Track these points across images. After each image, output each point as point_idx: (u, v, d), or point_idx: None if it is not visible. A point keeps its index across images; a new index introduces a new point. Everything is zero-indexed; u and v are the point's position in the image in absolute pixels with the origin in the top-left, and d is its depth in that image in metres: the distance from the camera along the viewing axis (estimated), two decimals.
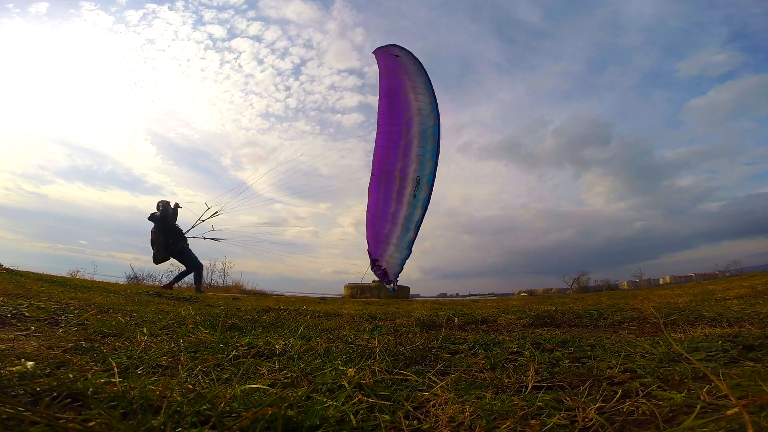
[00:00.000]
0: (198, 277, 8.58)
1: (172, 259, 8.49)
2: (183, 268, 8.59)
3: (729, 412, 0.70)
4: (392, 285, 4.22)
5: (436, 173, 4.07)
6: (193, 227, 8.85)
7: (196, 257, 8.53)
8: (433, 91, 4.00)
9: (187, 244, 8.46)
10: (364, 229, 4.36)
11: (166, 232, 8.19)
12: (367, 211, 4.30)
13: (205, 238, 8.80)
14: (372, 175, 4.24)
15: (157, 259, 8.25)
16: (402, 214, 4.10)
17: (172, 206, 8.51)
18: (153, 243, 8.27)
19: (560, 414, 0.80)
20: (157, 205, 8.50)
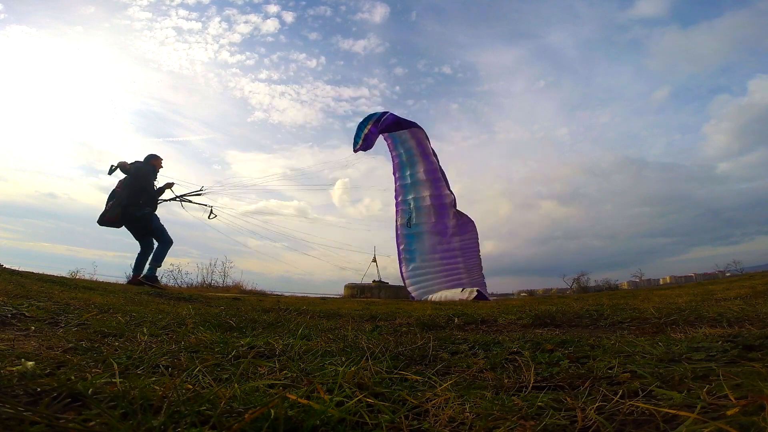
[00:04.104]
0: (161, 256, 6.37)
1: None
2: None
3: (729, 412, 0.70)
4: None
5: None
6: (173, 199, 7.35)
7: (165, 229, 6.45)
8: None
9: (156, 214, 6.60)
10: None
11: (136, 191, 6.28)
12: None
13: (182, 201, 7.39)
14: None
15: (106, 218, 6.13)
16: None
17: (163, 182, 6.86)
18: (112, 196, 6.23)
19: (560, 414, 0.81)
20: (148, 158, 6.59)
